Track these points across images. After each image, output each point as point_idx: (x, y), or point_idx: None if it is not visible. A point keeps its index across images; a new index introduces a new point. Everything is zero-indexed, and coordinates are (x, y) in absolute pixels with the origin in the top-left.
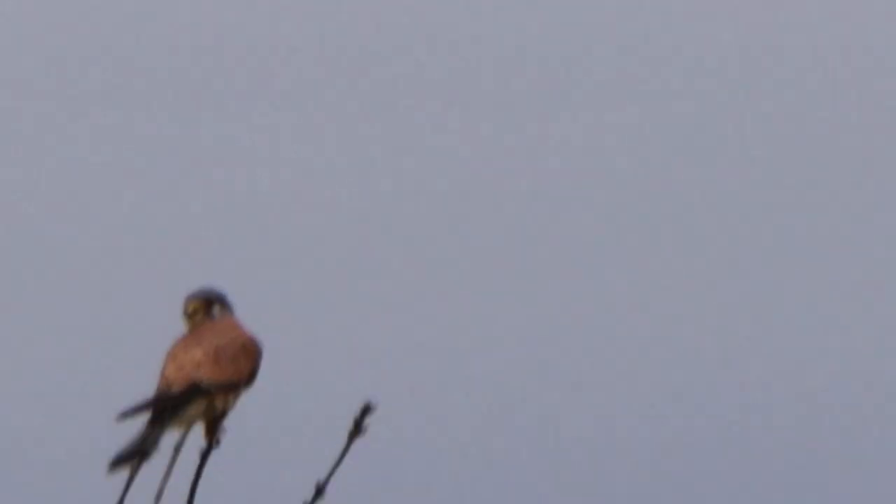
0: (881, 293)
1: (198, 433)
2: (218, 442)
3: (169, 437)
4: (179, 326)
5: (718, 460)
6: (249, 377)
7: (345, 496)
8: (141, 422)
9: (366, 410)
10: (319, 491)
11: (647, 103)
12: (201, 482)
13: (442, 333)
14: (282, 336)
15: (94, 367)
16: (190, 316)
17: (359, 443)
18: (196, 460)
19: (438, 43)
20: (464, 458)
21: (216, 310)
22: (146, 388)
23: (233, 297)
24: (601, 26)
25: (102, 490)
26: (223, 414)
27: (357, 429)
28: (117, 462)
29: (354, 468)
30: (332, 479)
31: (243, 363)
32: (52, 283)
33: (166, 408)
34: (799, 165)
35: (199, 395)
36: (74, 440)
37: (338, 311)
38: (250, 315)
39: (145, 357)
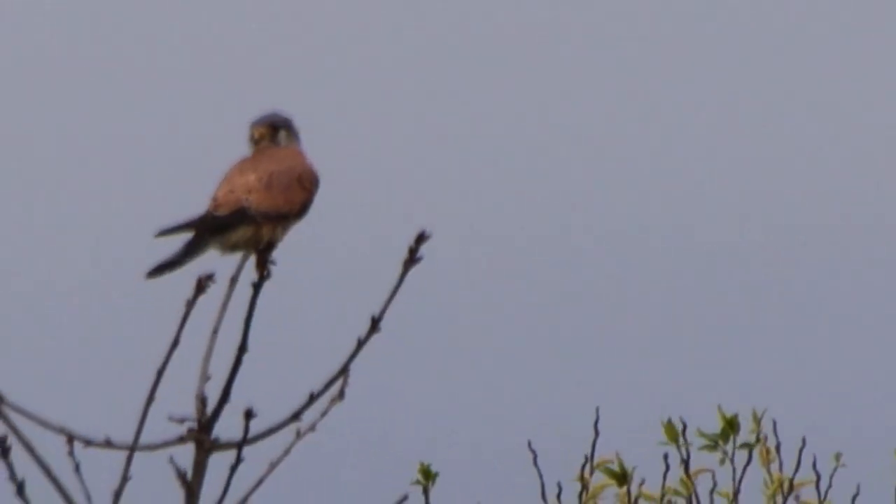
0: None
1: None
2: (269, 273)
3: (223, 266)
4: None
5: None
6: (301, 209)
7: (400, 328)
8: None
9: (420, 239)
10: (375, 323)
11: None
12: (255, 314)
13: (495, 157)
14: (338, 163)
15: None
16: (255, 142)
17: (413, 272)
18: (249, 292)
19: None
20: (519, 285)
21: (282, 136)
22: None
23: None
24: None
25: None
26: (271, 244)
27: (412, 258)
28: (155, 270)
29: (409, 299)
30: (387, 311)
31: (296, 193)
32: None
33: (209, 230)
34: None
35: (245, 220)
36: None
37: (393, 138)
38: (309, 141)
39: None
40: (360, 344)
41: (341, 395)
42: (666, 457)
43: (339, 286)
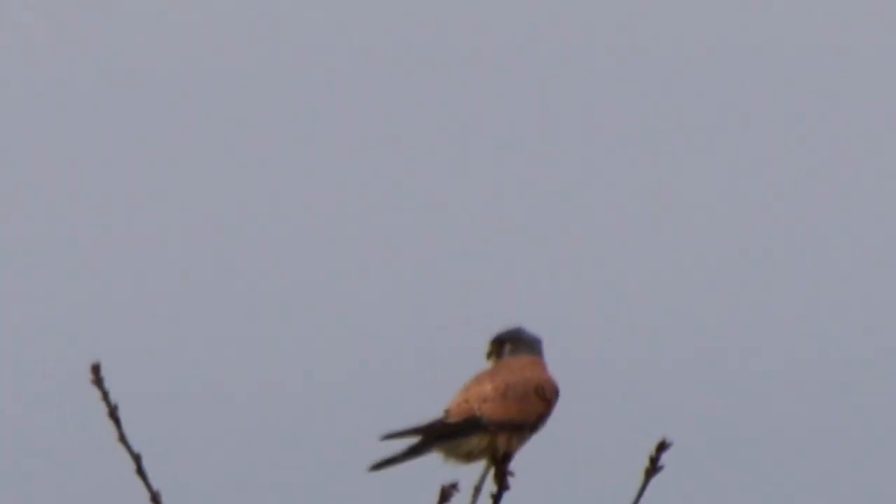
0: None
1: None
2: (507, 485)
3: (465, 477)
4: None
5: None
6: (538, 420)
7: None
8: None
9: (661, 447)
10: None
11: None
12: None
13: None
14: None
15: None
16: (487, 356)
17: (655, 480)
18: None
19: None
20: None
21: (507, 349)
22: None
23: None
24: None
25: None
26: (508, 455)
27: (653, 466)
28: (379, 465)
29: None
30: None
31: (533, 404)
32: None
33: (438, 437)
34: None
35: (476, 429)
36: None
37: None
38: None
39: None
40: None
41: None
42: None
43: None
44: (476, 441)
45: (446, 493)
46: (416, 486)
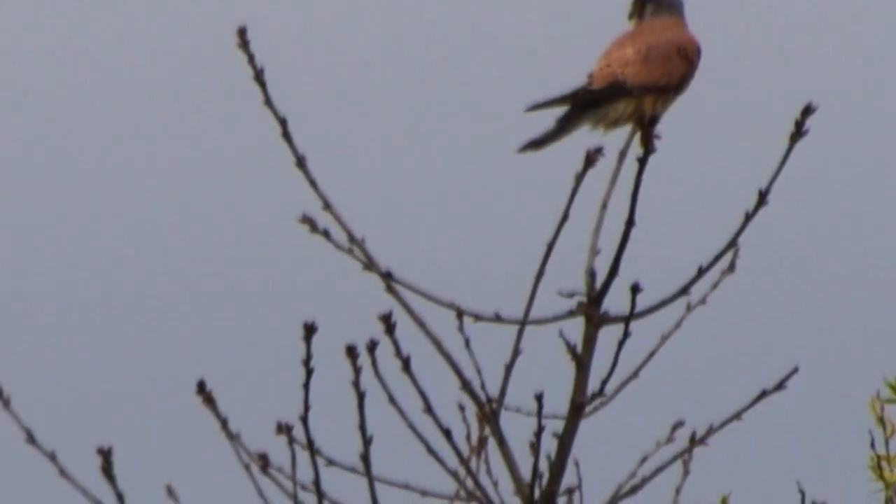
0: None
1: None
2: (654, 148)
3: (610, 142)
4: None
5: None
6: (681, 81)
7: (790, 203)
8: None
9: (807, 111)
10: (762, 197)
11: None
12: (642, 189)
13: None
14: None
15: None
16: (629, 16)
17: (800, 145)
18: (634, 167)
19: None
20: None
21: (648, 10)
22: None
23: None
24: None
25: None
26: (654, 118)
27: (798, 131)
28: (528, 146)
29: (797, 172)
30: (775, 185)
31: (675, 65)
32: None
33: (584, 104)
34: None
35: (621, 94)
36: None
37: None
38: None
39: None
40: (749, 217)
41: (731, 267)
42: None
43: (727, 159)
44: (622, 106)
45: (591, 158)
46: (563, 152)
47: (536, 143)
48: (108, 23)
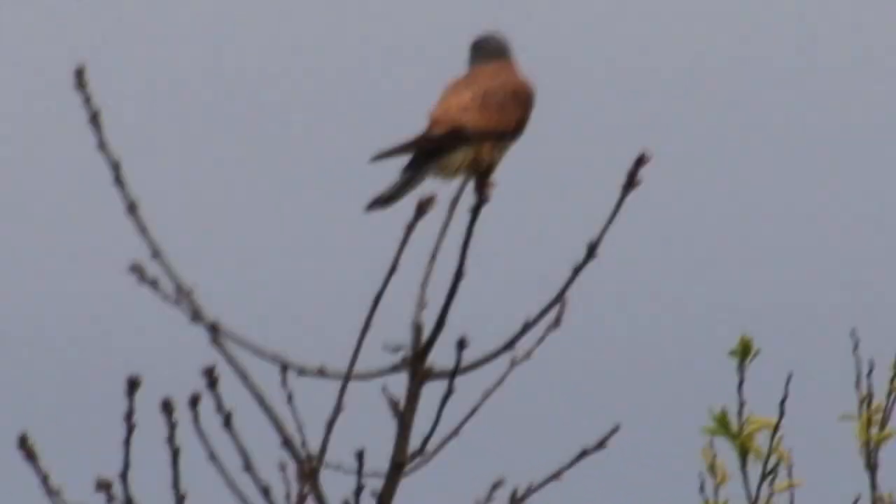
0: None
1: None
2: (487, 197)
3: (442, 191)
4: None
5: None
6: (518, 126)
7: (619, 256)
8: (401, 164)
9: (640, 162)
10: (591, 250)
11: None
12: (473, 239)
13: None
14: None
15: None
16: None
17: (633, 196)
18: (467, 216)
19: None
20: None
21: (482, 53)
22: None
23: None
24: None
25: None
26: (490, 166)
27: (630, 182)
28: (374, 203)
29: (628, 224)
30: (605, 237)
31: (512, 110)
32: None
33: (426, 151)
34: None
35: (461, 141)
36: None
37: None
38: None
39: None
40: (576, 271)
41: (557, 322)
42: None
43: (557, 211)
44: (462, 154)
45: (422, 208)
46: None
47: (384, 200)
48: None
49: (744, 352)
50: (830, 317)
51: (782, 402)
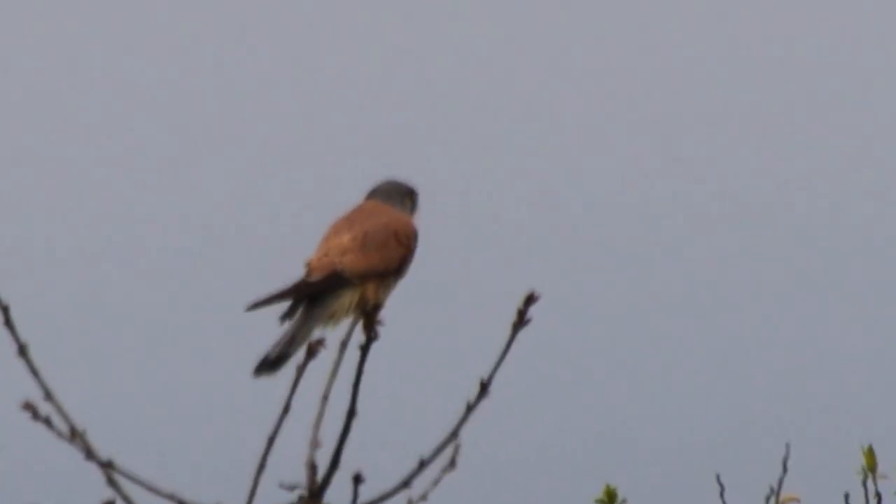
0: None
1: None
2: (376, 335)
3: (332, 333)
4: None
5: None
6: (400, 266)
7: (511, 392)
8: (284, 312)
9: (529, 300)
10: (484, 388)
11: None
12: (364, 378)
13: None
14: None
15: None
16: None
17: (523, 334)
18: (357, 356)
19: None
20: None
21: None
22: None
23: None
24: None
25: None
26: (377, 306)
27: (521, 320)
28: (262, 366)
29: (520, 362)
30: (497, 374)
31: (393, 251)
32: None
33: (304, 297)
34: None
35: (341, 284)
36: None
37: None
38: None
39: None
40: (470, 409)
41: (453, 463)
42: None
43: (448, 350)
44: (347, 296)
45: (313, 350)
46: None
47: (272, 363)
48: None
49: (609, 500)
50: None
51: None
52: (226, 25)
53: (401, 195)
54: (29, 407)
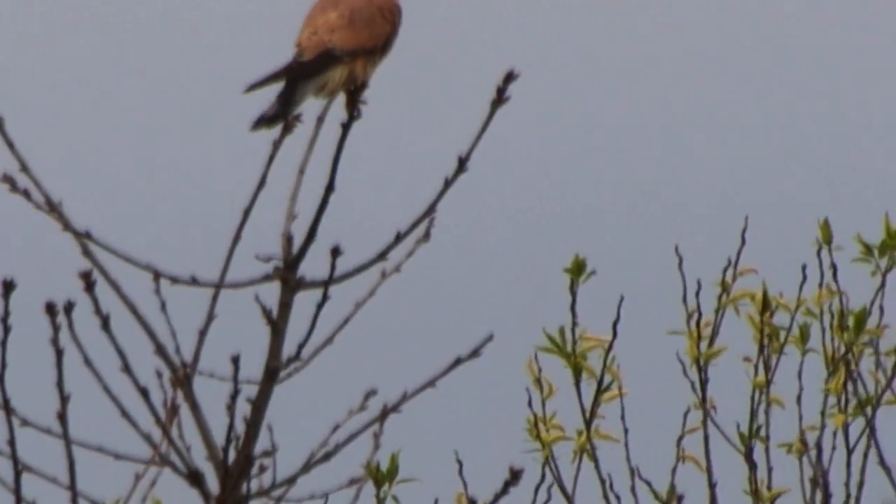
0: None
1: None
2: (359, 114)
3: (310, 108)
4: None
5: None
6: (386, 43)
7: (488, 169)
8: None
9: (508, 78)
10: (462, 163)
11: None
12: (342, 156)
13: None
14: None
15: None
16: None
17: (501, 111)
18: (337, 133)
19: None
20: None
21: None
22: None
23: None
24: None
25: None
26: (362, 84)
27: (499, 97)
28: (259, 122)
29: (497, 138)
30: (475, 151)
31: (380, 27)
32: None
33: (299, 77)
34: None
35: (332, 61)
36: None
37: None
38: None
39: None
40: (447, 184)
41: (427, 236)
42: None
43: (428, 125)
44: (338, 73)
45: (288, 125)
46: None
47: (267, 120)
48: None
49: (577, 270)
50: (657, 234)
51: (615, 324)
52: None
53: None
54: (6, 179)
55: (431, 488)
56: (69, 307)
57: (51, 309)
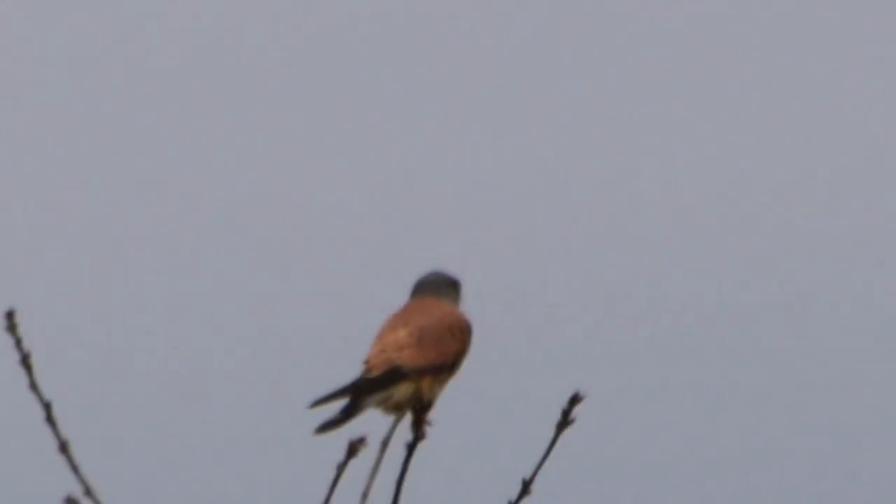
0: None
1: (404, 427)
2: (424, 434)
3: (376, 430)
4: None
5: None
6: (455, 360)
7: (553, 492)
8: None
9: (574, 400)
10: (526, 487)
11: None
12: (408, 476)
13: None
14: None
15: None
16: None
17: (567, 434)
18: (402, 453)
19: None
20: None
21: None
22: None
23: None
24: None
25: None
26: (429, 402)
27: (565, 420)
28: (325, 426)
29: (562, 462)
30: (539, 474)
31: (448, 345)
32: None
33: (364, 394)
34: None
35: (399, 378)
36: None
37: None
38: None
39: None
40: None
41: None
42: None
43: (492, 448)
44: (403, 389)
45: (354, 448)
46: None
47: (334, 424)
48: None
49: None
50: None
51: None
52: None
53: (447, 287)
54: (70, 502)
55: None
56: None
57: None
